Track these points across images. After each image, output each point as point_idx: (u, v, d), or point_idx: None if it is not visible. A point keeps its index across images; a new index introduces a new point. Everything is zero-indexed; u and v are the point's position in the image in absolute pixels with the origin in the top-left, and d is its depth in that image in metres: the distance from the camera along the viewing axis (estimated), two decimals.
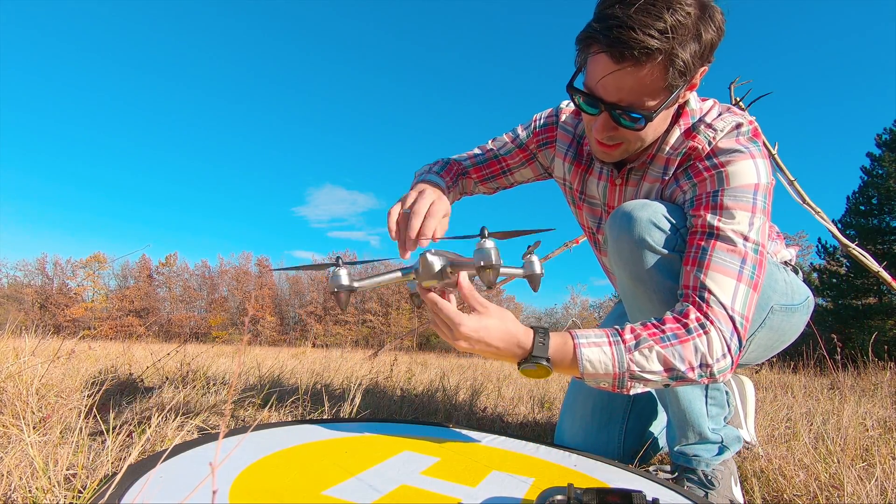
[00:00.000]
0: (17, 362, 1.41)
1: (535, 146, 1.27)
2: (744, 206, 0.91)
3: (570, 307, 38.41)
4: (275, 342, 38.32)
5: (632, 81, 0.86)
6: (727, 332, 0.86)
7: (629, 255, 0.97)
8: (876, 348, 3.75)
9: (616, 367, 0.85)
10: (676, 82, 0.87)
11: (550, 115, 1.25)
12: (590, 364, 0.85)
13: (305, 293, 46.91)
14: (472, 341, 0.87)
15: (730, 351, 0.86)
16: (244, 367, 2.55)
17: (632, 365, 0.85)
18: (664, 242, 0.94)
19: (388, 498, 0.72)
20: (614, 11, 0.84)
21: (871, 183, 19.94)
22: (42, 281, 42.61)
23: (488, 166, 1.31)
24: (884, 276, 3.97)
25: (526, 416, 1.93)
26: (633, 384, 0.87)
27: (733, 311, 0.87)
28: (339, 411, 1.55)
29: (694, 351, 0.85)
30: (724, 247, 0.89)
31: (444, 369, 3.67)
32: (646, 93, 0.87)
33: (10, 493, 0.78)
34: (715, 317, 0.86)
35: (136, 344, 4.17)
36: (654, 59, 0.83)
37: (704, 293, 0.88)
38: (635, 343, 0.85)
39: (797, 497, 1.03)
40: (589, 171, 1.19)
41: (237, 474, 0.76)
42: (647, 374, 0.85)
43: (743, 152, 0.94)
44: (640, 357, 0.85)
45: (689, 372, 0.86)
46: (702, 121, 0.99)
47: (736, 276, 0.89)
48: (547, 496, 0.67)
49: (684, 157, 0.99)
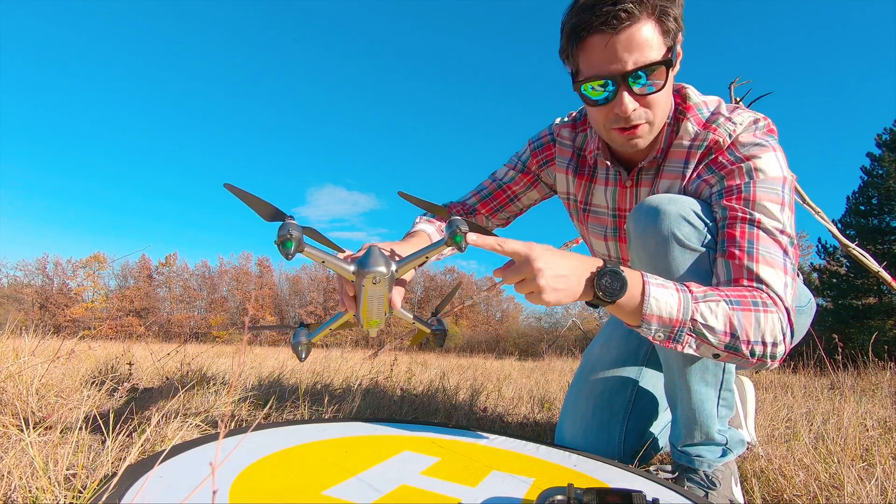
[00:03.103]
0: (17, 362, 1.41)
1: (537, 167, 1.28)
2: (775, 198, 0.90)
3: (570, 307, 38.42)
4: (275, 342, 38.33)
5: (634, 41, 0.87)
6: (784, 321, 0.85)
7: (655, 248, 0.95)
8: (876, 348, 3.75)
9: (680, 312, 0.82)
10: (672, 28, 0.88)
11: (545, 134, 1.27)
12: (655, 302, 0.81)
13: (305, 293, 46.91)
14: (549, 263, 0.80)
15: (784, 339, 0.85)
16: (244, 367, 2.55)
17: (696, 314, 0.82)
18: (693, 237, 0.93)
19: (388, 498, 0.72)
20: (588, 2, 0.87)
21: (871, 183, 19.94)
22: (42, 281, 42.61)
23: (495, 198, 1.32)
24: (884, 276, 3.97)
25: (526, 416, 1.93)
26: (689, 339, 0.83)
27: (786, 300, 0.87)
28: (339, 411, 1.55)
29: (756, 324, 0.83)
30: (767, 239, 0.89)
31: (444, 369, 3.67)
32: (651, 46, 0.88)
33: (10, 493, 0.78)
34: (775, 303, 0.85)
35: (136, 344, 4.17)
36: (648, 15, 0.85)
37: (762, 285, 0.86)
38: (703, 294, 0.83)
39: (797, 497, 1.03)
40: (593, 181, 1.18)
41: (237, 474, 0.76)
42: (707, 332, 0.83)
43: (765, 146, 0.94)
44: (706, 309, 0.82)
45: (745, 346, 0.83)
46: (719, 113, 1.00)
47: (783, 268, 0.88)
48: (547, 496, 0.67)
49: (705, 150, 0.98)
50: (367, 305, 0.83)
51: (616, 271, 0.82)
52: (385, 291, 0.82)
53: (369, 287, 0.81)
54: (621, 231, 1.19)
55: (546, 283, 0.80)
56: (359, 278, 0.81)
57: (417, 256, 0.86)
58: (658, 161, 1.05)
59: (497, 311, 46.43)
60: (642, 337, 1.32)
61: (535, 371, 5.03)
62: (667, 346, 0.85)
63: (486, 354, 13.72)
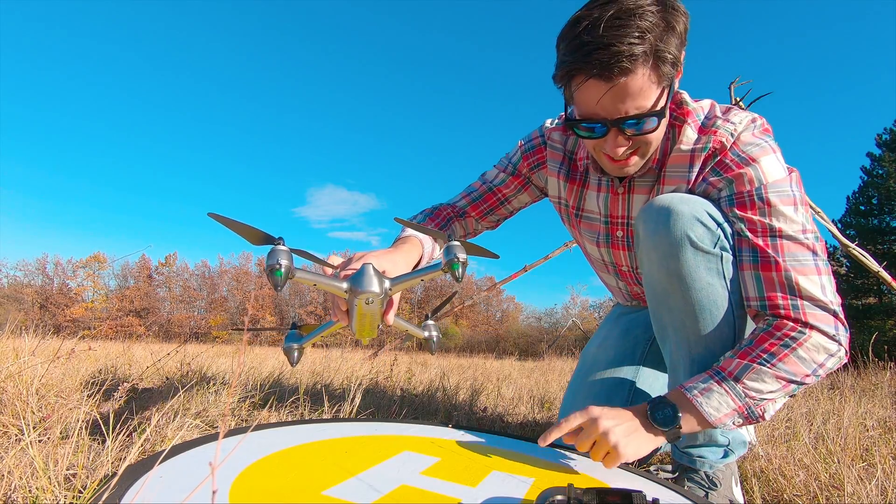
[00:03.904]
0: (17, 362, 1.41)
1: (528, 170, 1.27)
2: (787, 200, 0.90)
3: (570, 307, 38.42)
4: (275, 342, 38.31)
5: (629, 91, 0.85)
6: (830, 329, 0.86)
7: (667, 249, 0.94)
8: (876, 348, 3.75)
9: (735, 399, 0.86)
10: (669, 73, 0.87)
11: (537, 136, 1.25)
12: (711, 409, 0.86)
13: (305, 293, 46.89)
14: (612, 419, 0.87)
15: (839, 343, 0.87)
16: (244, 367, 2.55)
17: (748, 393, 0.86)
18: (707, 239, 0.92)
19: (388, 498, 0.72)
20: (584, 38, 0.83)
21: (871, 183, 19.95)
22: (42, 281, 42.60)
23: (484, 201, 1.31)
24: (884, 276, 3.97)
25: (526, 416, 1.93)
26: (760, 409, 0.88)
27: (829, 303, 0.87)
28: (339, 411, 1.55)
29: (799, 361, 0.85)
30: (792, 246, 0.89)
31: (444, 369, 3.67)
32: (646, 95, 0.86)
33: (10, 493, 0.78)
34: (813, 320, 0.86)
35: (136, 344, 4.17)
36: (643, 63, 0.83)
37: (796, 300, 0.87)
38: (740, 370, 0.87)
39: (797, 497, 1.03)
40: (585, 186, 1.18)
41: (237, 474, 0.76)
42: (768, 395, 0.87)
43: (765, 146, 0.94)
44: (752, 383, 0.86)
45: (806, 378, 0.86)
46: (715, 116, 0.99)
47: (815, 270, 0.88)
48: (547, 496, 0.67)
49: (710, 153, 0.98)
50: (359, 321, 0.83)
51: (659, 400, 0.89)
52: (378, 309, 0.81)
53: (362, 306, 0.80)
54: (613, 238, 1.18)
55: (618, 439, 0.85)
56: (352, 296, 0.80)
57: (412, 278, 0.84)
58: (654, 170, 1.04)
59: (497, 311, 46.43)
60: (639, 337, 1.32)
61: (535, 371, 5.04)
62: (750, 423, 0.90)
63: (486, 354, 13.73)
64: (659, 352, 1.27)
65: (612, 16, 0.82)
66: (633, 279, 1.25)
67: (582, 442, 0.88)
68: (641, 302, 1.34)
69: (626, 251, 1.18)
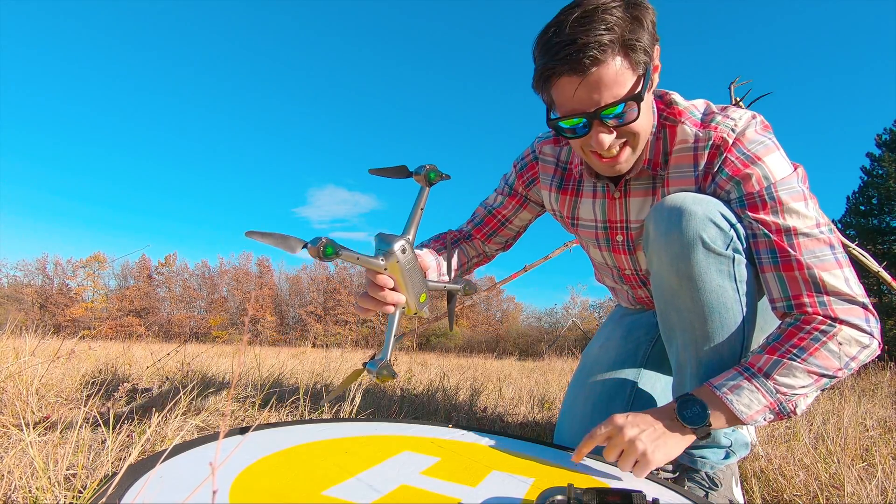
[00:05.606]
0: (17, 362, 1.41)
1: (524, 188, 1.29)
2: (797, 196, 0.90)
3: (570, 307, 38.41)
4: (275, 342, 38.31)
5: (604, 82, 0.86)
6: (861, 321, 0.86)
7: (679, 250, 0.92)
8: None
9: (767, 395, 0.86)
10: (641, 59, 0.87)
11: (528, 154, 1.28)
12: (741, 405, 0.85)
13: (305, 293, 46.91)
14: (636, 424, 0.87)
15: (870, 335, 0.86)
16: (244, 367, 2.55)
17: (780, 389, 0.85)
18: (719, 240, 0.91)
19: (388, 498, 0.72)
20: (553, 41, 0.86)
21: (871, 183, 19.95)
22: (42, 281, 42.62)
23: (486, 224, 1.35)
24: (884, 276, 3.97)
25: (526, 416, 1.93)
26: (793, 404, 0.87)
27: (856, 296, 0.87)
28: (339, 411, 1.55)
29: (830, 354, 0.85)
30: (810, 243, 0.88)
31: (444, 369, 3.67)
32: (621, 83, 0.87)
33: (10, 492, 0.78)
34: (842, 314, 0.86)
35: (136, 344, 4.17)
36: (612, 51, 0.84)
37: (822, 297, 0.86)
38: (770, 366, 0.86)
39: (797, 497, 1.03)
40: (579, 195, 1.18)
41: (237, 474, 0.76)
42: (800, 391, 0.86)
43: (769, 144, 0.94)
44: (783, 379, 0.85)
45: (838, 372, 0.86)
46: (713, 112, 0.99)
47: (836, 264, 0.88)
48: (547, 496, 0.67)
49: (713, 149, 0.97)
50: (410, 280, 0.89)
51: (687, 397, 0.87)
52: (414, 257, 0.88)
53: (402, 260, 0.86)
54: (614, 242, 1.18)
55: (646, 446, 0.84)
56: (390, 260, 0.86)
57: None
58: (648, 171, 1.04)
59: (497, 311, 46.44)
60: (641, 339, 1.32)
61: (535, 371, 5.04)
62: (782, 419, 0.89)
63: (486, 354, 13.73)
64: (661, 354, 1.27)
65: (577, 17, 0.84)
66: (636, 282, 1.25)
67: (609, 451, 0.87)
68: (645, 306, 1.34)
69: (628, 255, 1.18)
